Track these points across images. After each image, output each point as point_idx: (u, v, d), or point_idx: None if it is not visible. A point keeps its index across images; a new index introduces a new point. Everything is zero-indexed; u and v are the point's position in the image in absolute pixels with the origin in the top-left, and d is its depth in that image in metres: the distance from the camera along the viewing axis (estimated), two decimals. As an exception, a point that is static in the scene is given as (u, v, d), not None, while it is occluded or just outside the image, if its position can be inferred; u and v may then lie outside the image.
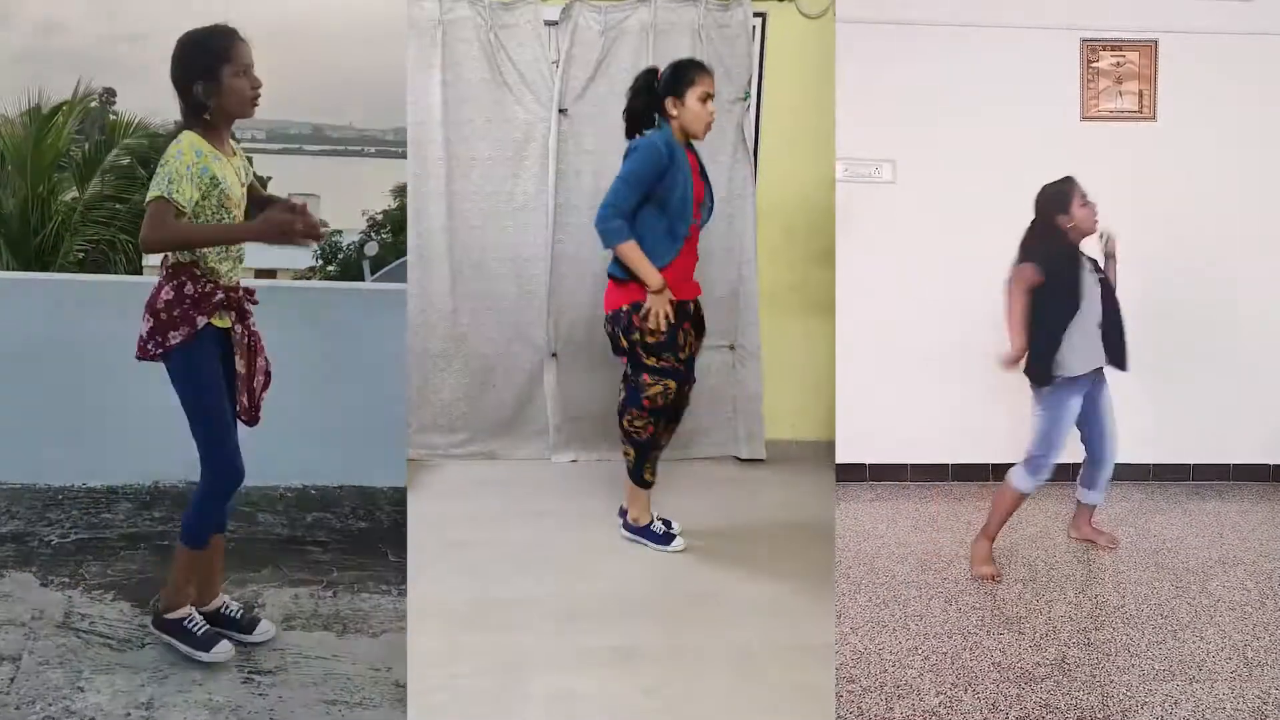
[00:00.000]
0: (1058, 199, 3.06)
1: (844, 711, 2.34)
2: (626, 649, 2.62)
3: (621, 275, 3.06)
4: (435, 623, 2.72)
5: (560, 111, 3.96)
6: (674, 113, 3.03)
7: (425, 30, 3.88)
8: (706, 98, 3.02)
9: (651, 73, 3.11)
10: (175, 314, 2.25)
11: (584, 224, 4.03)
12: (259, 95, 2.26)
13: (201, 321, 2.27)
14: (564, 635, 2.70)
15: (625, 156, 3.06)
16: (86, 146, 8.39)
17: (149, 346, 2.28)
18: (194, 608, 2.46)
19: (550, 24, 3.97)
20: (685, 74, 3.03)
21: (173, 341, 2.25)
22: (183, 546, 2.41)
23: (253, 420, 2.40)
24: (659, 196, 3.01)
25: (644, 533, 3.23)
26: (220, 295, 2.30)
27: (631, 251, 2.97)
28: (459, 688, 2.43)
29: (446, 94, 3.92)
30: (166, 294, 2.27)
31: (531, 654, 2.59)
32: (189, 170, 2.18)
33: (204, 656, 2.39)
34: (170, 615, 2.43)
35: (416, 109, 3.93)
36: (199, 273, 2.28)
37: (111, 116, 9.75)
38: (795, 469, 4.10)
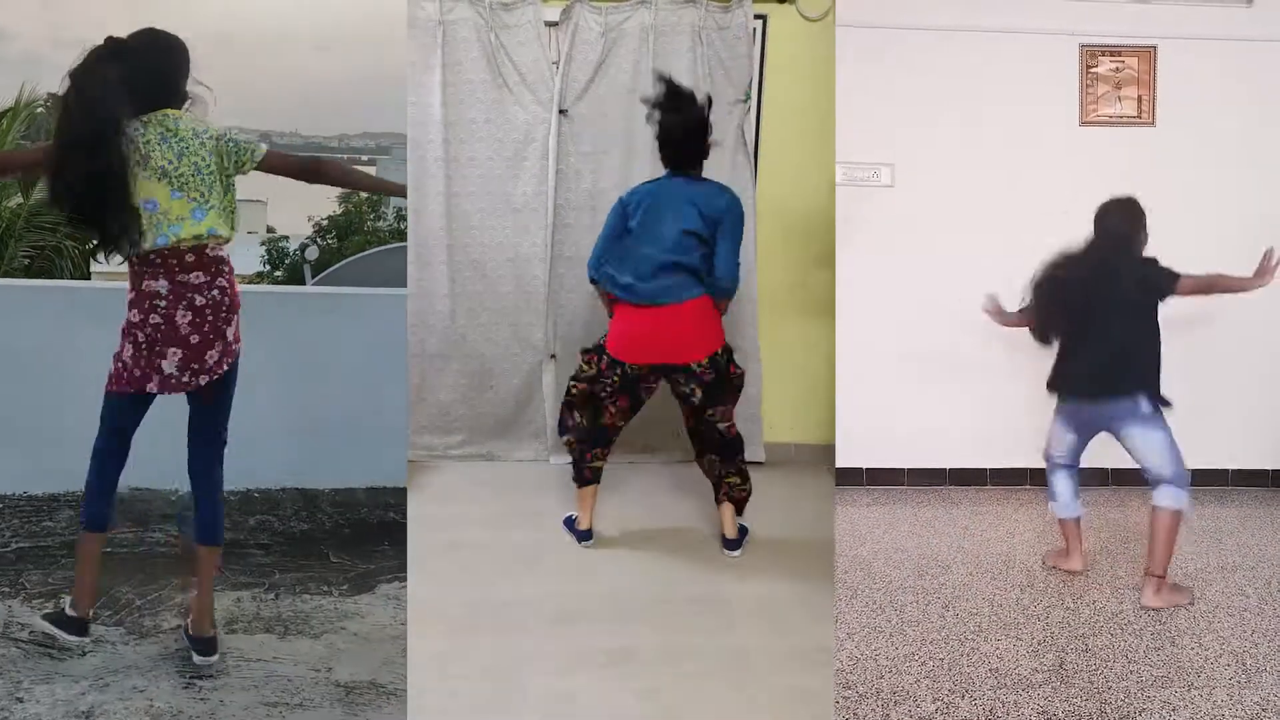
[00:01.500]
0: (1137, 217, 3.00)
1: (841, 717, 2.33)
2: (623, 651, 2.62)
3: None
4: (433, 624, 2.72)
5: (560, 112, 3.96)
6: None
7: (426, 30, 3.87)
8: None
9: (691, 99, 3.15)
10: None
11: (584, 225, 4.03)
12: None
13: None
14: (561, 637, 2.70)
15: (727, 211, 3.06)
16: (32, 152, 8.33)
17: (224, 363, 2.34)
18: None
19: (551, 25, 3.96)
20: None
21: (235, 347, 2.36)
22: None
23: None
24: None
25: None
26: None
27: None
28: (456, 689, 2.43)
29: (446, 94, 3.91)
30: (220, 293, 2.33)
31: (528, 656, 2.59)
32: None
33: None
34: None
35: (416, 109, 3.93)
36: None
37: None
38: (794, 472, 4.09)
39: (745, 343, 4.17)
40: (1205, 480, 4.12)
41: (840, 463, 3.87)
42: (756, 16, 4.04)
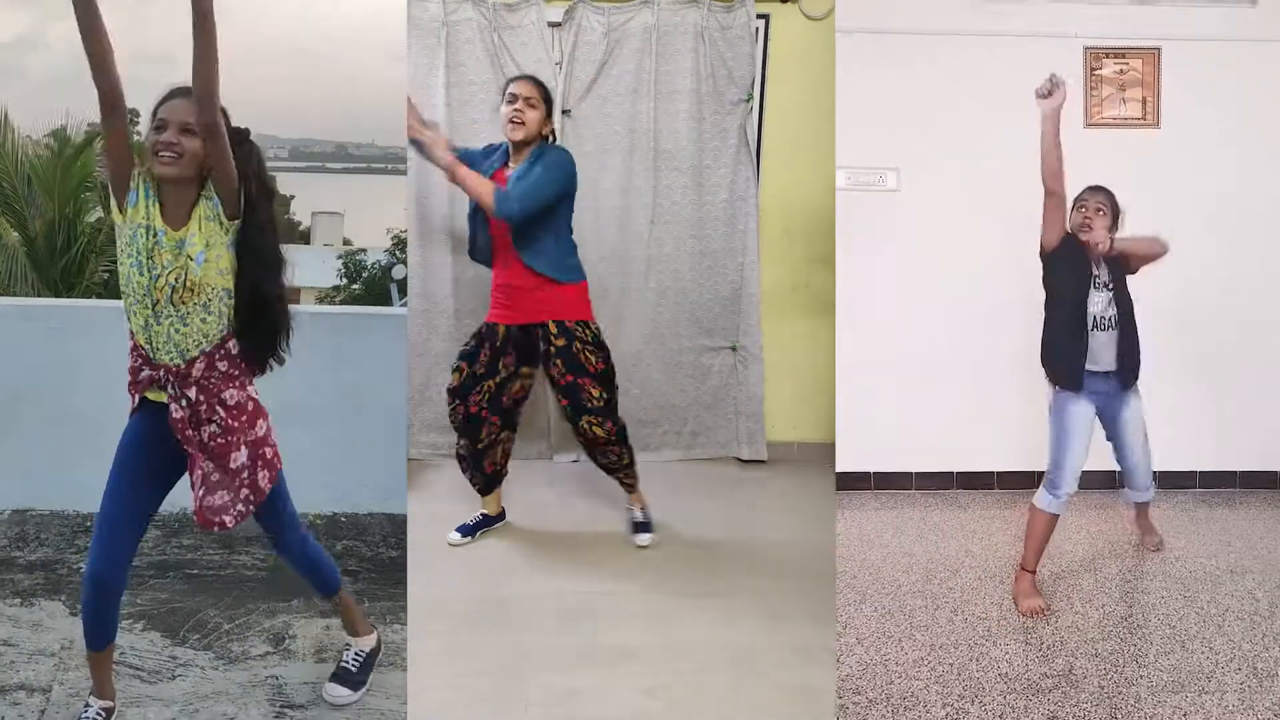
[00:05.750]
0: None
1: (851, 722, 2.32)
2: (627, 649, 2.61)
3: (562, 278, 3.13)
4: (435, 622, 2.72)
5: (563, 113, 3.94)
6: None
7: (429, 31, 3.86)
8: (512, 99, 3.09)
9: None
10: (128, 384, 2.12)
11: (585, 225, 4.00)
12: (167, 150, 1.99)
13: (136, 398, 2.11)
14: (564, 635, 2.70)
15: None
16: (111, 167, 8.45)
17: None
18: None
19: (554, 25, 3.95)
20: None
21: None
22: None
23: (206, 525, 2.13)
24: None
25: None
26: (147, 373, 2.08)
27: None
28: (459, 687, 2.42)
29: (450, 95, 3.90)
30: None
31: (531, 654, 2.59)
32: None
33: None
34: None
35: (420, 109, 3.89)
36: (133, 342, 2.09)
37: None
38: (796, 470, 4.10)
39: (748, 341, 4.16)
40: (1213, 482, 4.11)
41: (846, 466, 3.84)
42: (759, 16, 4.03)
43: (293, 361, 2.37)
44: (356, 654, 2.45)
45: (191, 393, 2.05)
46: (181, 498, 2.99)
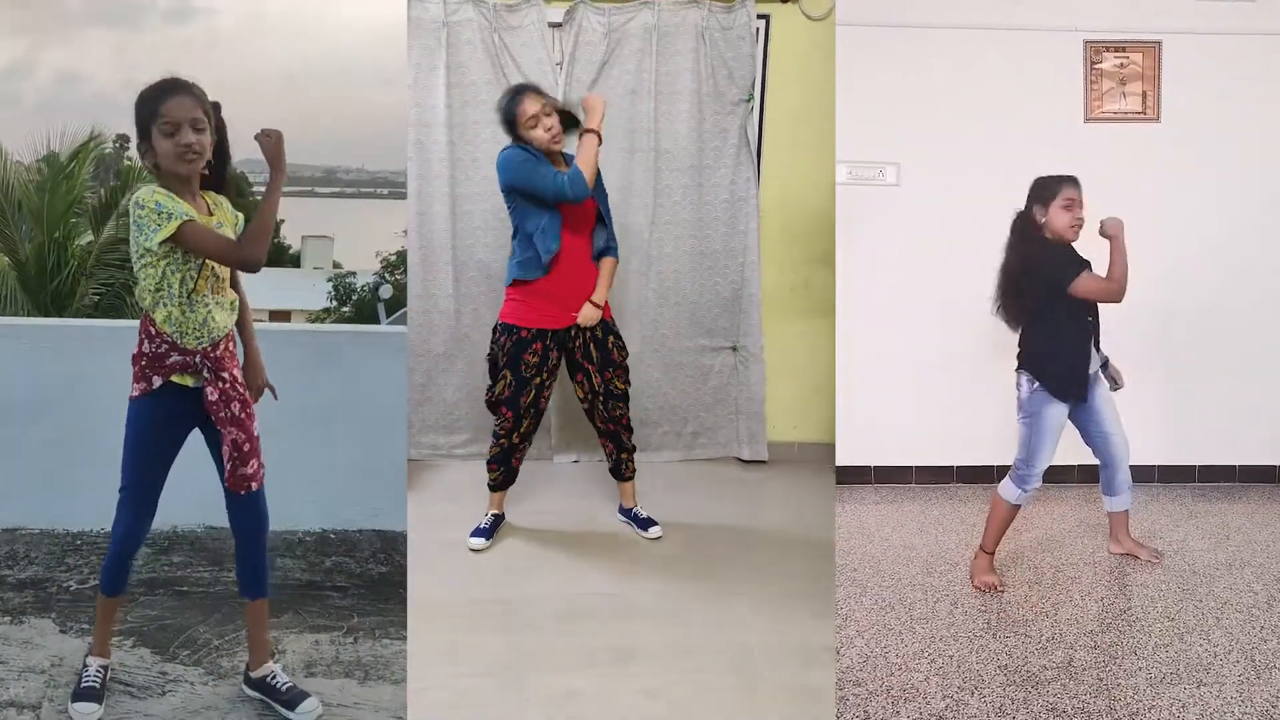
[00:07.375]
0: (1042, 191, 2.96)
1: (850, 715, 2.33)
2: (627, 649, 2.62)
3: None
4: (435, 622, 2.73)
5: (563, 113, 3.96)
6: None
7: (430, 32, 3.88)
8: (545, 114, 3.11)
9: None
10: (137, 368, 2.18)
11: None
12: (190, 153, 2.08)
13: (157, 381, 2.16)
14: (564, 635, 2.71)
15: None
16: (101, 192, 8.55)
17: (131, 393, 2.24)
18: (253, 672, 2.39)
19: (554, 26, 3.97)
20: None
21: (133, 393, 2.19)
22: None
23: (235, 487, 2.25)
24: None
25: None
26: (176, 358, 2.14)
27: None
28: (459, 687, 2.44)
29: (450, 95, 3.92)
30: (137, 345, 2.19)
31: (532, 654, 2.60)
32: (160, 208, 2.05)
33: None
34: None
35: (420, 110, 3.93)
36: (154, 330, 2.14)
37: (126, 162, 10.03)
38: (797, 471, 4.10)
39: (749, 341, 4.18)
40: (1212, 476, 4.11)
41: (847, 461, 3.86)
42: (759, 16, 4.04)
43: (289, 380, 2.44)
44: (98, 669, 2.36)
45: (225, 373, 2.20)
46: (171, 515, 3.02)
